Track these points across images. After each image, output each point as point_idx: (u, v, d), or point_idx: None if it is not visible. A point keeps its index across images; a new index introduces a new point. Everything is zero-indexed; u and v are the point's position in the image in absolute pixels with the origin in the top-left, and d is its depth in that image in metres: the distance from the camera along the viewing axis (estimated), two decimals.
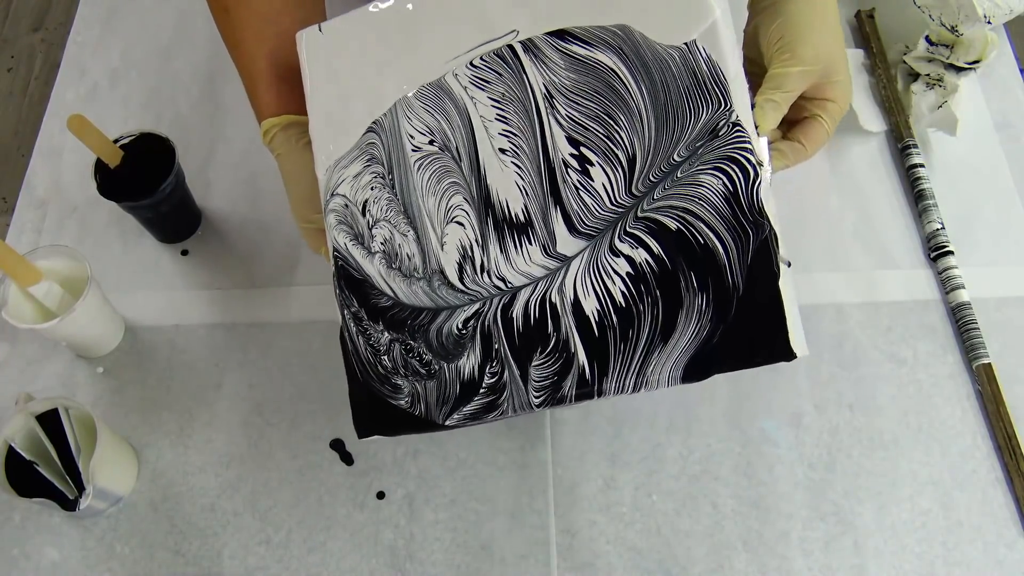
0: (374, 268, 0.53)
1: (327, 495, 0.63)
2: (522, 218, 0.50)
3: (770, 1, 0.54)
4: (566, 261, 0.48)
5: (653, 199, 0.47)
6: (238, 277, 0.72)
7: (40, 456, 0.58)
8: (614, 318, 0.47)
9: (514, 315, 0.49)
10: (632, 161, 0.48)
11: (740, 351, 0.45)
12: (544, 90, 0.50)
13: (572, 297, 0.48)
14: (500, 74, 0.51)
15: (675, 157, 0.47)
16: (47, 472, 0.57)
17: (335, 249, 0.53)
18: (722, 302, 0.45)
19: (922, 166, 0.75)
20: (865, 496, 0.63)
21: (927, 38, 0.76)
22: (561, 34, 0.50)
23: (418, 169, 0.52)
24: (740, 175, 0.46)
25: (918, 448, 0.64)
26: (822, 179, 0.76)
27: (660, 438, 0.64)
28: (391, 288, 0.52)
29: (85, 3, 0.87)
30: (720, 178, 0.46)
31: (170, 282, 0.72)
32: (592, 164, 0.48)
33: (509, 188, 0.50)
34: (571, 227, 0.48)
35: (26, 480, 0.57)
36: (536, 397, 0.49)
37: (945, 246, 0.71)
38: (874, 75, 0.80)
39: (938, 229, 0.72)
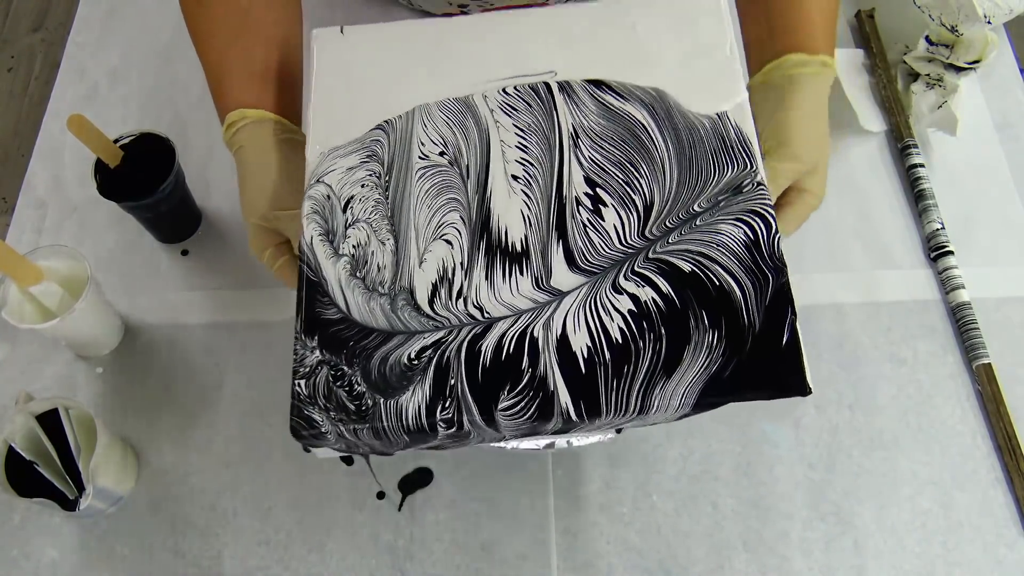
0: (334, 272, 0.48)
1: (327, 495, 0.63)
2: (519, 248, 0.48)
3: (776, 83, 0.55)
4: (559, 296, 0.46)
5: (667, 243, 0.47)
6: (238, 277, 0.72)
7: (40, 456, 0.58)
8: (606, 354, 0.45)
9: (483, 348, 0.45)
10: (649, 208, 0.48)
11: (755, 384, 0.44)
12: (571, 129, 0.51)
13: (559, 332, 0.45)
14: (530, 105, 0.52)
15: (695, 207, 0.48)
16: (47, 472, 0.57)
17: (300, 246, 0.49)
18: (736, 339, 0.45)
19: (922, 166, 0.75)
20: (865, 496, 0.63)
21: (927, 38, 0.76)
22: (598, 83, 0.53)
23: (419, 178, 0.50)
24: (763, 226, 0.47)
25: (918, 448, 0.64)
26: None
27: (660, 438, 0.64)
28: (346, 300, 0.47)
29: (85, 3, 0.87)
30: (742, 228, 0.47)
31: (170, 282, 0.72)
32: (605, 205, 0.49)
33: (512, 216, 0.49)
34: (571, 262, 0.47)
35: (26, 480, 0.57)
36: (511, 435, 0.46)
37: (945, 246, 0.71)
38: (874, 75, 0.80)
39: (938, 229, 0.72)
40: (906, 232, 0.74)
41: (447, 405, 0.44)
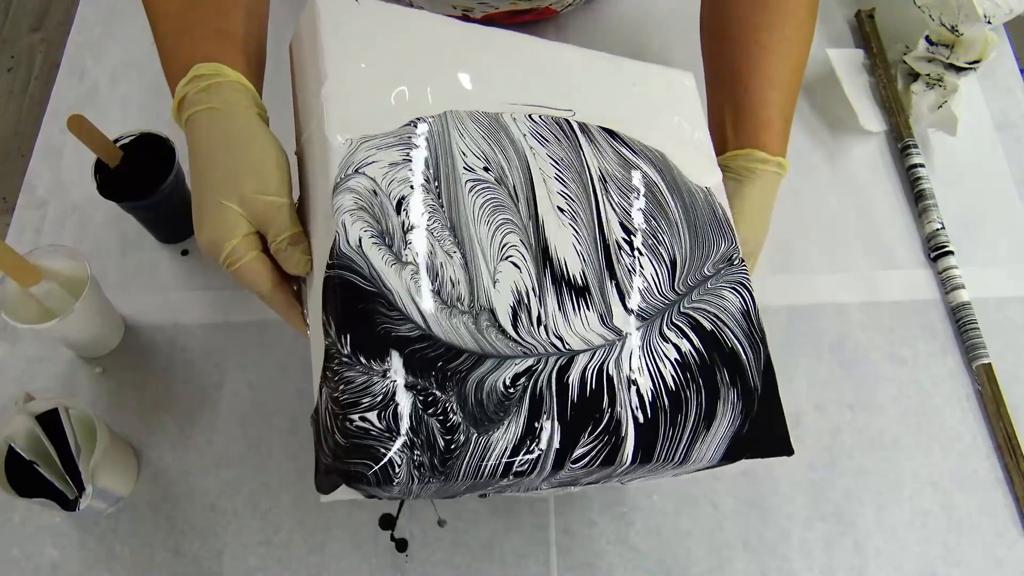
0: (401, 283, 0.40)
1: None
2: (580, 282, 0.46)
3: (735, 171, 0.58)
4: (623, 336, 0.45)
5: (692, 300, 0.49)
6: None
7: (40, 456, 0.58)
8: (666, 400, 0.44)
9: (571, 381, 0.42)
10: (674, 263, 0.50)
11: (759, 442, 0.47)
12: (599, 172, 0.51)
13: (628, 372, 0.44)
14: (558, 139, 0.51)
15: (706, 271, 0.50)
16: (47, 472, 0.57)
17: (336, 250, 0.40)
18: (747, 399, 0.47)
19: (922, 166, 0.75)
20: (865, 496, 0.63)
21: (927, 38, 0.76)
22: (612, 132, 0.53)
23: (470, 191, 0.45)
24: (749, 298, 0.50)
25: (918, 448, 0.64)
26: (822, 179, 0.76)
27: None
28: (422, 314, 0.40)
29: (85, 3, 0.87)
30: (739, 295, 0.50)
31: (170, 282, 0.71)
32: (642, 254, 0.49)
33: (567, 248, 0.47)
34: (625, 306, 0.47)
35: (26, 480, 0.57)
36: (551, 486, 0.44)
37: (945, 246, 0.71)
38: (874, 75, 0.80)
39: (938, 229, 0.72)
40: (906, 232, 0.74)
41: (531, 448, 0.40)
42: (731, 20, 0.61)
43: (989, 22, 0.72)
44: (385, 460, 0.36)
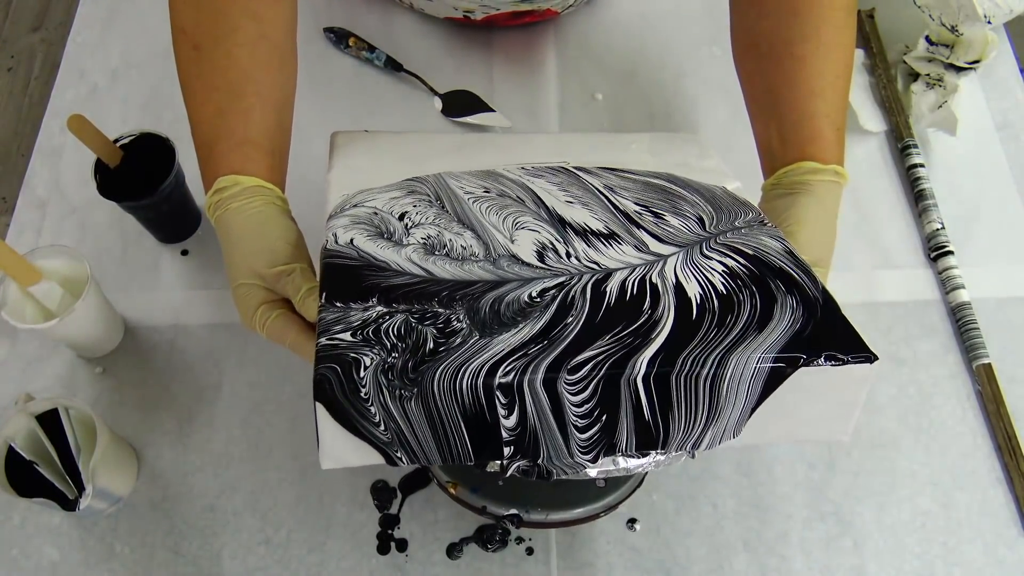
0: (401, 255, 0.44)
1: (327, 495, 0.63)
2: (605, 231, 0.48)
3: (788, 186, 0.56)
4: (662, 257, 0.47)
5: (726, 237, 0.49)
6: None
7: (40, 456, 0.58)
8: (715, 302, 0.43)
9: (608, 289, 0.43)
10: (701, 220, 0.50)
11: (825, 344, 0.42)
12: (603, 186, 0.53)
13: (674, 281, 0.44)
14: (554, 174, 0.54)
15: (736, 223, 0.50)
16: (47, 472, 0.57)
17: (324, 250, 0.45)
18: (808, 306, 0.44)
19: (922, 166, 0.75)
20: (865, 496, 0.63)
21: (927, 38, 0.76)
22: (611, 168, 0.55)
23: (472, 202, 0.50)
24: (789, 245, 0.49)
25: (918, 448, 0.64)
26: None
27: None
28: (427, 270, 0.43)
29: (85, 3, 0.87)
30: (779, 241, 0.49)
31: (170, 282, 0.71)
32: (664, 216, 0.50)
33: (585, 218, 0.49)
34: (659, 240, 0.48)
35: (26, 480, 0.57)
36: (583, 446, 0.40)
37: (945, 246, 0.71)
38: (874, 75, 0.80)
39: (938, 229, 0.72)
40: (906, 232, 0.74)
41: (527, 352, 0.37)
42: (763, 36, 0.59)
43: (989, 22, 0.72)
44: (349, 360, 0.37)
